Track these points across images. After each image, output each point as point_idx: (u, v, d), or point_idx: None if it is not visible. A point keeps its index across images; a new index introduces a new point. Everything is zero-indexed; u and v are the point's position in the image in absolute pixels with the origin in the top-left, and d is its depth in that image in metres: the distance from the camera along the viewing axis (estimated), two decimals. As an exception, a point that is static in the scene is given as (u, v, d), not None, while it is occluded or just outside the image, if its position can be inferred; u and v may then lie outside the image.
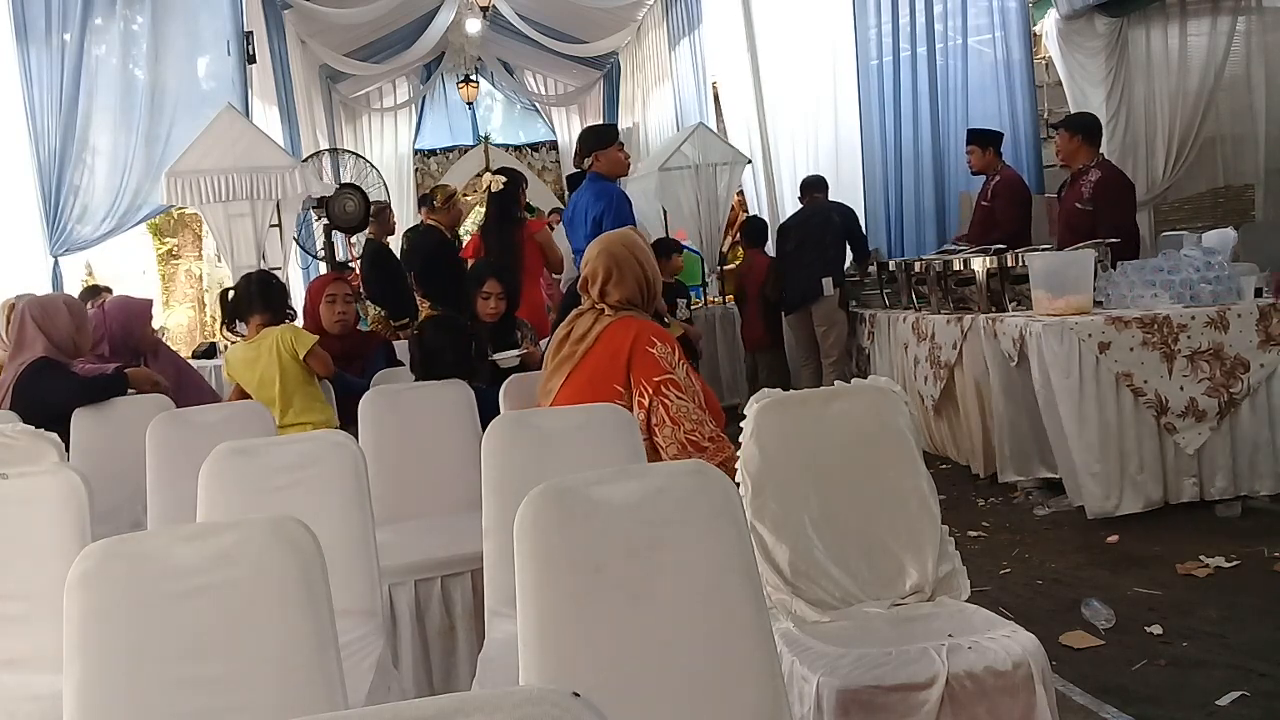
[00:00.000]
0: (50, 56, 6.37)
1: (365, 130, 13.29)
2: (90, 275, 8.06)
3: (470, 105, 13.38)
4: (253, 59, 6.89)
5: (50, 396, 3.34)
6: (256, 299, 3.76)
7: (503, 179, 5.25)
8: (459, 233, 6.40)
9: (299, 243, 7.24)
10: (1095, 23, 6.43)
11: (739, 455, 2.16)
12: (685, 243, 7.11)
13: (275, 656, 1.47)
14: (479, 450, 2.28)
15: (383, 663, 2.06)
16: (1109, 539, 3.75)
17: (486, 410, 3.01)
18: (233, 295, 3.93)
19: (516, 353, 3.74)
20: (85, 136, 6.45)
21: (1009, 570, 3.56)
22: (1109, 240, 4.46)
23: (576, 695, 0.80)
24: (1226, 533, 3.69)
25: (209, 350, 6.69)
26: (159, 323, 9.26)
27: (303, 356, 3.50)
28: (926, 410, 5.11)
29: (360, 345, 4.13)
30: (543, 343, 3.91)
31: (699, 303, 7.36)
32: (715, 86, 9.22)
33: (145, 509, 2.87)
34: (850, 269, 6.38)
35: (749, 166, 7.79)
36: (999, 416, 4.43)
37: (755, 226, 7.17)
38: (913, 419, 2.25)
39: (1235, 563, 3.38)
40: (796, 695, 1.81)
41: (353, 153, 8.58)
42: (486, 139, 13.62)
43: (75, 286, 6.58)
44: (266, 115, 7.82)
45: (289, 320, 3.83)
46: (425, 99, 13.73)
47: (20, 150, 6.32)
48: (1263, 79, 6.70)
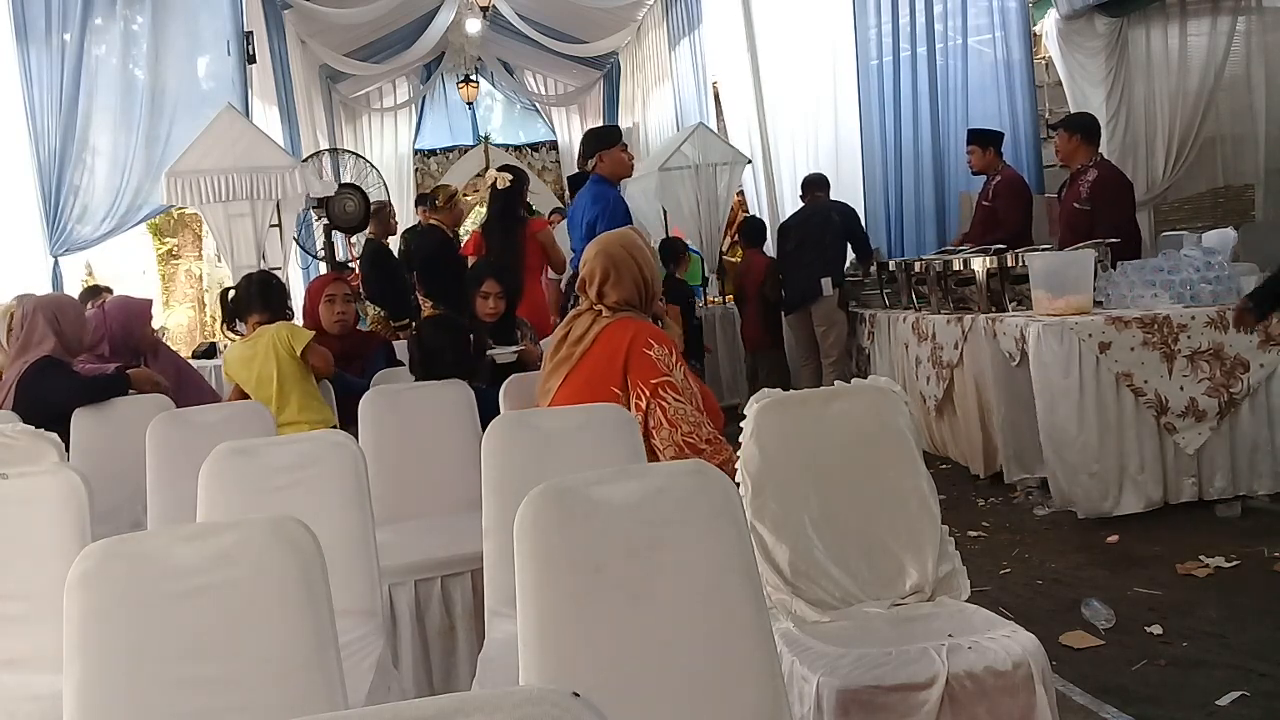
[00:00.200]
0: (50, 56, 6.37)
1: (365, 130, 13.29)
2: (90, 275, 8.06)
3: (470, 105, 13.37)
4: (253, 59, 6.89)
5: (52, 396, 3.34)
6: (256, 299, 3.76)
7: (509, 176, 5.24)
8: (459, 231, 6.40)
9: (299, 243, 7.24)
10: (1095, 23, 6.42)
11: (738, 456, 2.16)
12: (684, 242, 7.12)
13: (275, 656, 1.47)
14: (479, 450, 2.28)
15: (383, 663, 2.06)
16: (1109, 539, 3.75)
17: (486, 410, 3.01)
18: (233, 295, 3.93)
19: (514, 349, 3.74)
20: (85, 136, 6.45)
21: (1009, 570, 3.56)
22: (1109, 240, 4.46)
23: (576, 695, 0.80)
24: (1226, 533, 3.69)
25: (209, 350, 6.69)
26: (159, 323, 9.25)
27: (300, 352, 3.48)
28: (929, 411, 5.11)
29: (360, 345, 4.13)
30: (543, 342, 3.91)
31: (699, 302, 7.35)
32: (715, 86, 9.21)
33: (145, 509, 2.88)
34: (853, 268, 6.38)
35: (749, 166, 7.79)
36: (999, 416, 4.43)
37: (753, 226, 7.18)
38: (913, 419, 2.25)
39: (1235, 563, 3.38)
40: (796, 695, 1.81)
41: (353, 153, 8.57)
42: (486, 139, 13.61)
43: (75, 286, 6.58)
44: (266, 115, 7.82)
45: (288, 320, 3.82)
46: (425, 99, 13.72)
47: (20, 150, 6.33)
48: (1263, 79, 6.69)
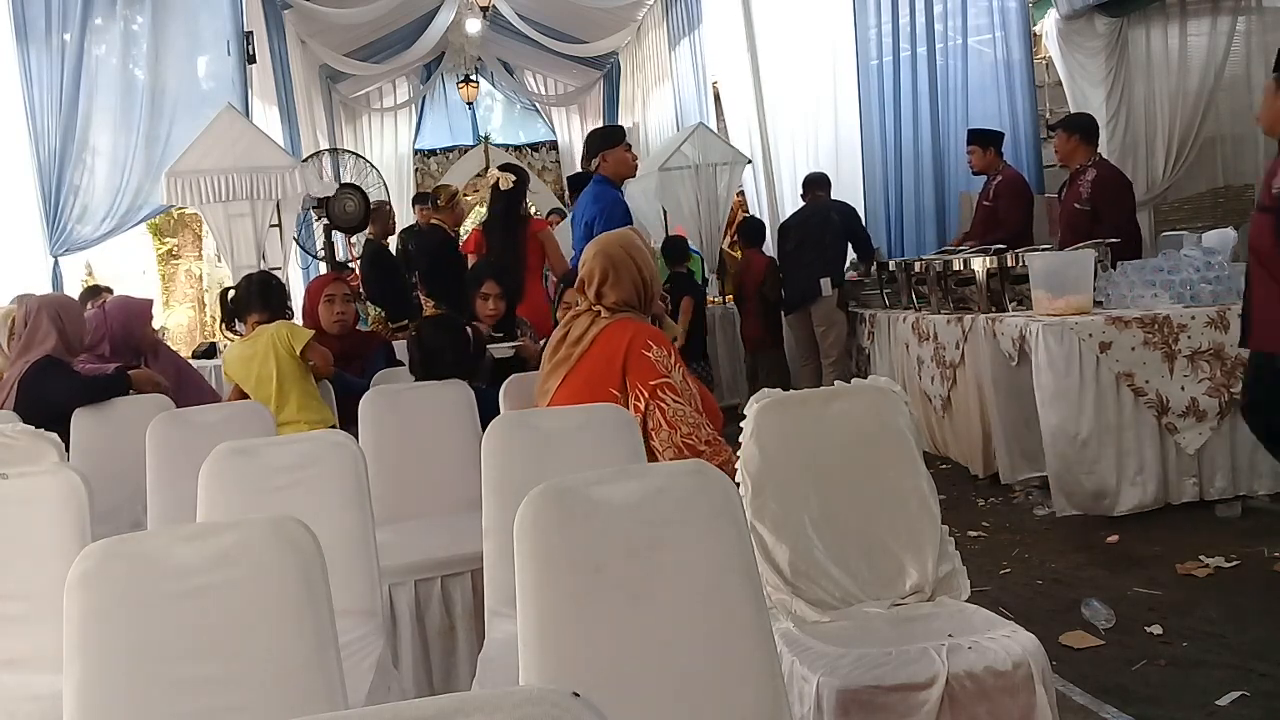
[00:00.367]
0: (50, 56, 6.37)
1: (365, 130, 13.28)
2: (90, 275, 8.06)
3: (470, 105, 13.37)
4: (253, 59, 6.89)
5: (52, 395, 3.35)
6: (256, 298, 3.76)
7: (513, 176, 5.25)
8: (459, 231, 6.40)
9: (299, 243, 7.24)
10: (1095, 23, 6.42)
11: (738, 456, 2.16)
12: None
13: (275, 656, 1.47)
14: (479, 450, 2.28)
15: (383, 663, 2.06)
16: (1109, 539, 3.75)
17: (486, 410, 3.01)
18: (233, 295, 3.92)
19: (511, 344, 3.76)
20: (85, 136, 6.45)
21: (1009, 570, 3.56)
22: (1109, 240, 4.46)
23: (576, 695, 0.80)
24: (1226, 533, 3.69)
25: (209, 350, 6.69)
26: (159, 323, 9.25)
27: (300, 351, 3.48)
28: (934, 411, 5.10)
29: (360, 345, 4.12)
30: (543, 341, 3.92)
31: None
32: (715, 86, 9.21)
33: (145, 509, 2.88)
34: (855, 266, 6.38)
35: (749, 166, 7.79)
36: (999, 416, 4.43)
37: (751, 226, 7.18)
38: (913, 419, 2.25)
39: (1235, 563, 3.38)
40: (796, 695, 1.81)
41: (353, 153, 8.57)
42: (486, 139, 13.61)
43: (75, 286, 6.57)
44: (266, 115, 7.82)
45: (288, 320, 3.82)
46: (425, 99, 13.71)
47: (20, 150, 6.33)
48: (1263, 79, 6.67)
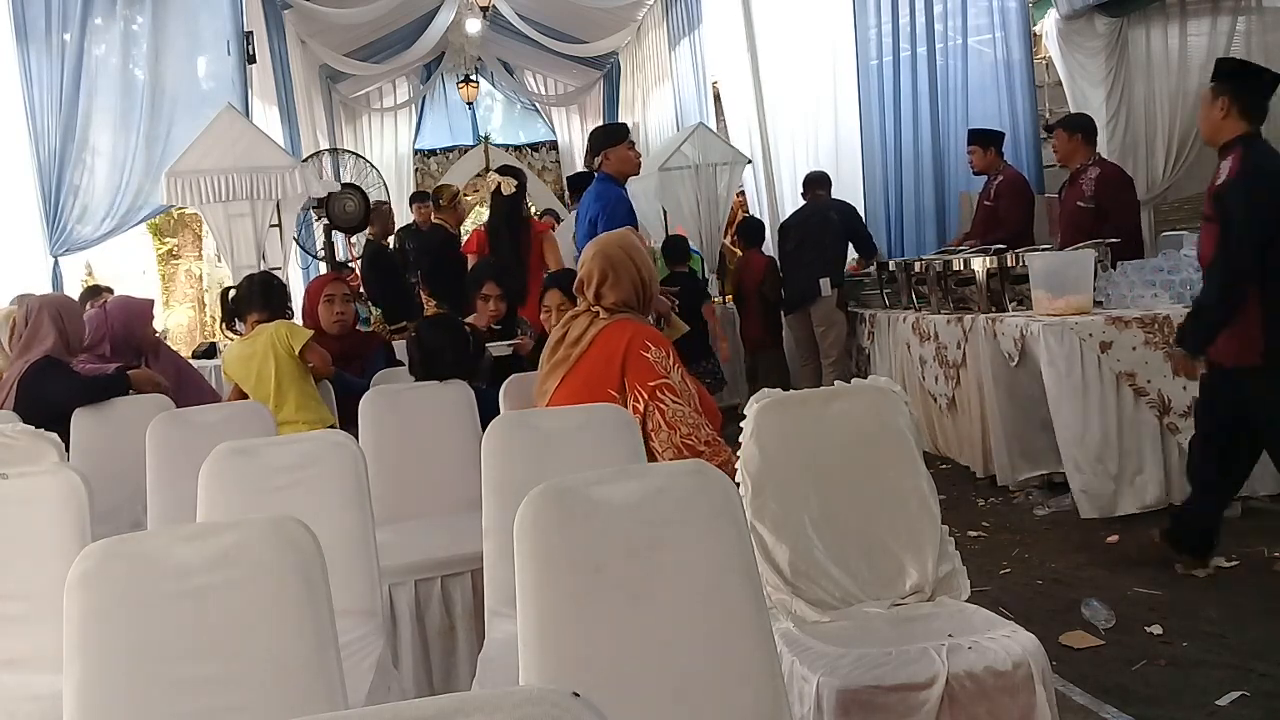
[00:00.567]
0: (50, 56, 6.36)
1: (365, 130, 13.27)
2: (90, 275, 8.06)
3: (470, 105, 13.37)
4: (253, 59, 6.89)
5: (53, 395, 3.35)
6: (257, 298, 3.76)
7: (514, 181, 5.25)
8: (460, 231, 6.41)
9: (299, 243, 7.24)
10: (1095, 23, 6.41)
11: (737, 457, 2.16)
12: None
13: (275, 656, 1.47)
14: (479, 450, 2.28)
15: (383, 663, 2.06)
16: (1109, 539, 3.75)
17: (486, 410, 3.01)
18: (233, 295, 3.93)
19: (509, 342, 3.78)
20: (85, 136, 6.45)
21: (1009, 570, 3.56)
22: (1110, 240, 4.46)
23: (576, 695, 0.80)
24: (1227, 533, 3.68)
25: (209, 350, 6.69)
26: (159, 323, 9.25)
27: (299, 351, 3.48)
28: (939, 410, 5.10)
29: (360, 345, 4.13)
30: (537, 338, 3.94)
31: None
32: (715, 86, 9.21)
33: (145, 509, 2.88)
34: (856, 265, 6.38)
35: (749, 166, 7.79)
36: (999, 416, 4.42)
37: (751, 226, 7.18)
38: (913, 419, 2.25)
39: (1235, 563, 3.38)
40: (796, 695, 1.81)
41: (353, 153, 8.57)
42: (486, 139, 13.60)
43: (75, 286, 6.57)
44: (266, 115, 7.81)
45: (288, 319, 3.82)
46: (425, 99, 13.71)
47: (20, 150, 6.32)
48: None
